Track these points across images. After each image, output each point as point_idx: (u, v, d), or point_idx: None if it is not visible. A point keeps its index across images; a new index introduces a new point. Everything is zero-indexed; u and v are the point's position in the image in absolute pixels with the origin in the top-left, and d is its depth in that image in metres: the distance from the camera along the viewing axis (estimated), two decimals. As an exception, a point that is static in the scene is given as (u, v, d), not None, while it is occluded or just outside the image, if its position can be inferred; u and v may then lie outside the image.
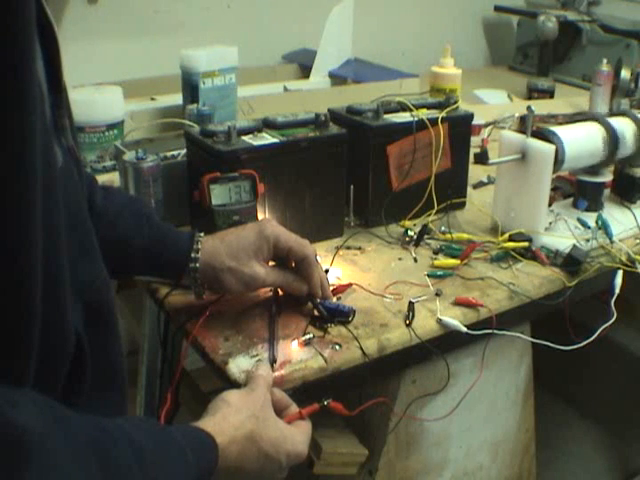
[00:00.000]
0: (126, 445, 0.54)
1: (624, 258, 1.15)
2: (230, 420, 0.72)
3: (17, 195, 0.47)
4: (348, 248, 1.18)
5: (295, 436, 0.77)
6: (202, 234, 0.93)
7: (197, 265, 0.90)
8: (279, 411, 0.80)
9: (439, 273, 1.09)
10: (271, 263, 0.95)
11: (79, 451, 0.49)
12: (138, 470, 0.54)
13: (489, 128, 1.77)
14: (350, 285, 1.05)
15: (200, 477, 0.64)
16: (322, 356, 0.89)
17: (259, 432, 0.73)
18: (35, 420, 0.46)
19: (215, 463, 0.67)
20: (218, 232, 0.96)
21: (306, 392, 0.88)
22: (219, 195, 1.05)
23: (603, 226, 1.20)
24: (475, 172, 1.44)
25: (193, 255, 0.91)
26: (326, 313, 0.95)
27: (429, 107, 1.31)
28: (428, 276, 1.09)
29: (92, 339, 0.61)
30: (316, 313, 0.96)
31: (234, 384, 0.84)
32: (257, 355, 0.88)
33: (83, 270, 0.61)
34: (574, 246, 1.13)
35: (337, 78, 2.15)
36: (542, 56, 2.59)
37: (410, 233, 1.20)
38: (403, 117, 1.26)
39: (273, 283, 0.95)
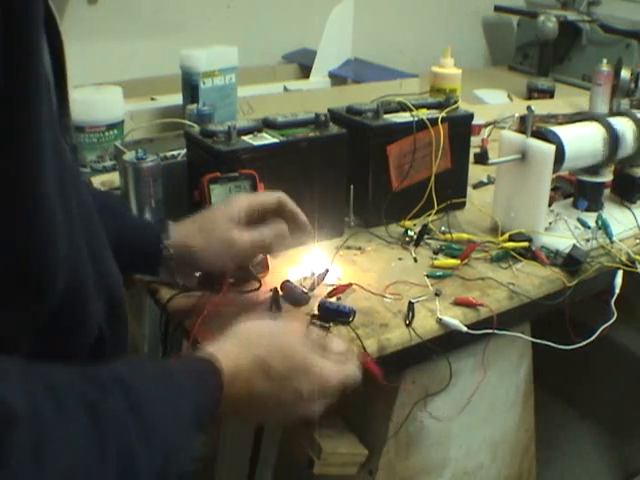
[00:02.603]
0: (121, 398, 0.53)
1: (624, 258, 1.15)
2: (238, 342, 0.69)
3: (30, 193, 0.48)
4: (348, 248, 1.18)
5: (319, 363, 0.72)
6: (172, 222, 0.93)
7: (171, 252, 0.89)
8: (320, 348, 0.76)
9: (438, 274, 1.09)
10: None
11: (70, 418, 0.48)
12: (134, 424, 0.52)
13: (489, 128, 1.77)
14: (350, 285, 1.05)
15: (203, 410, 0.62)
16: (322, 356, 0.88)
17: (269, 354, 0.69)
18: (23, 392, 0.46)
19: (220, 390, 0.64)
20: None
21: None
22: (219, 195, 1.05)
23: (603, 226, 1.20)
24: (475, 172, 1.44)
25: (165, 242, 0.90)
26: (326, 313, 0.95)
27: (429, 107, 1.31)
28: (427, 277, 1.08)
29: (111, 334, 0.62)
30: (316, 313, 0.96)
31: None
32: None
33: (102, 266, 0.62)
34: (574, 246, 1.13)
35: (337, 78, 2.15)
36: (542, 56, 2.59)
37: (410, 233, 1.20)
38: (403, 117, 1.26)
39: (250, 241, 0.91)
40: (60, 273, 0.51)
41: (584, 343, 1.04)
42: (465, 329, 0.98)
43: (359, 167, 1.23)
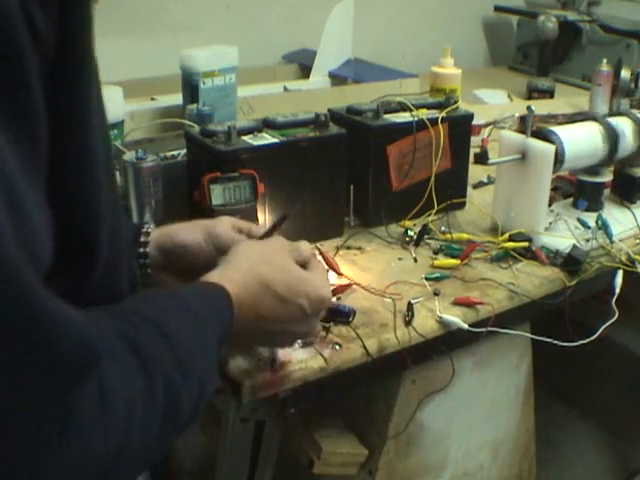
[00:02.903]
0: (158, 338, 0.55)
1: (624, 258, 1.15)
2: (239, 267, 0.71)
3: (86, 166, 0.51)
4: (348, 248, 1.18)
5: (313, 280, 0.76)
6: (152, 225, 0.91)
7: (147, 250, 0.86)
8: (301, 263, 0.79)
9: (436, 275, 1.09)
10: None
11: (120, 358, 0.50)
12: (173, 360, 0.54)
13: (489, 128, 1.77)
14: (350, 285, 1.05)
15: (222, 338, 0.64)
16: (322, 356, 0.89)
17: (272, 276, 0.72)
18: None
19: (231, 314, 0.66)
20: None
21: (306, 392, 0.88)
22: (219, 195, 1.05)
23: (603, 226, 1.20)
24: (475, 172, 1.44)
25: (142, 239, 0.86)
26: (326, 313, 0.95)
27: (429, 107, 1.31)
28: (426, 279, 1.08)
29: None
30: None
31: (234, 384, 0.84)
32: (257, 355, 0.88)
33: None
34: (574, 246, 1.13)
35: (337, 78, 2.15)
36: (542, 56, 2.59)
37: (410, 233, 1.20)
38: (403, 117, 1.26)
39: (233, 236, 0.88)
40: (106, 241, 0.53)
41: (588, 340, 1.04)
42: (466, 326, 0.98)
43: (359, 167, 1.23)
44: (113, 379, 0.48)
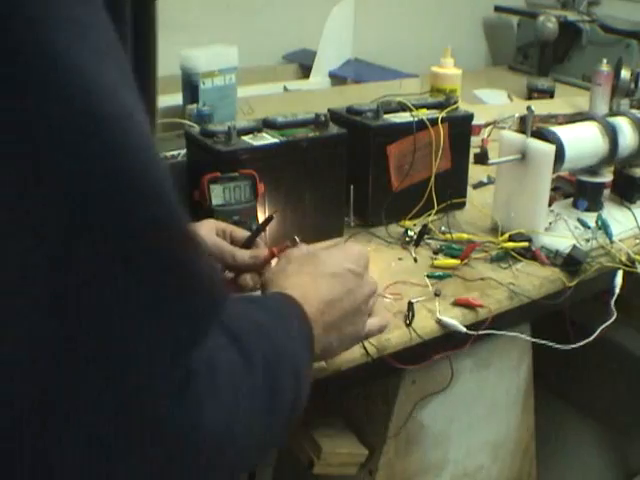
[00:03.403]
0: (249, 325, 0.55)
1: (624, 258, 1.15)
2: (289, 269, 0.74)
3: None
4: (348, 248, 1.18)
5: (347, 248, 0.81)
6: None
7: None
8: None
9: (438, 274, 1.09)
10: None
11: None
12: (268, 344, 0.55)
13: (489, 128, 1.77)
14: (350, 285, 1.05)
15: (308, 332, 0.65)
16: (322, 356, 0.88)
17: (306, 260, 0.75)
18: None
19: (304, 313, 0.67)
20: None
21: (306, 392, 0.87)
22: (219, 195, 1.05)
23: (603, 226, 1.20)
24: (475, 172, 1.44)
25: None
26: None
27: (429, 107, 1.31)
28: (427, 277, 1.08)
29: None
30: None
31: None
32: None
33: None
34: (574, 246, 1.13)
35: (337, 78, 2.15)
36: (542, 56, 2.59)
37: (410, 233, 1.20)
38: (403, 117, 1.26)
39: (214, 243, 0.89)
40: None
41: (583, 343, 1.04)
42: (464, 330, 0.98)
43: (359, 167, 1.23)
44: (218, 354, 0.46)
